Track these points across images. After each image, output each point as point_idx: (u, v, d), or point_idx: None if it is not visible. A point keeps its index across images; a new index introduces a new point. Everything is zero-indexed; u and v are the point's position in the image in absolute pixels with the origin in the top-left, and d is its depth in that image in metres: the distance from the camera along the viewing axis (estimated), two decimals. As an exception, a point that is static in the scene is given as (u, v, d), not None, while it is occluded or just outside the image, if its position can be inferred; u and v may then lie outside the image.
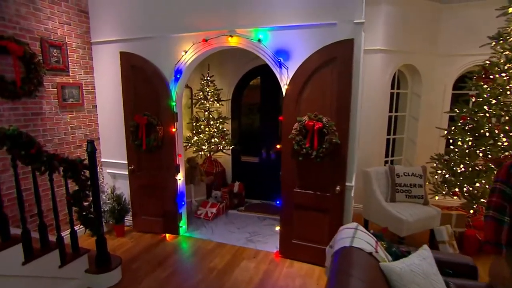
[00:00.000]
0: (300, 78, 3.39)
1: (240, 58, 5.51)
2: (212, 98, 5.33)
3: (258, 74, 5.60)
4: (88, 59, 4.30)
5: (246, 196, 5.72)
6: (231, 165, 5.93)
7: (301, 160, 3.45)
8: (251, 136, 5.88)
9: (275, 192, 5.50)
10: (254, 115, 5.90)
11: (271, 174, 5.57)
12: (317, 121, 3.29)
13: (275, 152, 5.58)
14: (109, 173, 4.60)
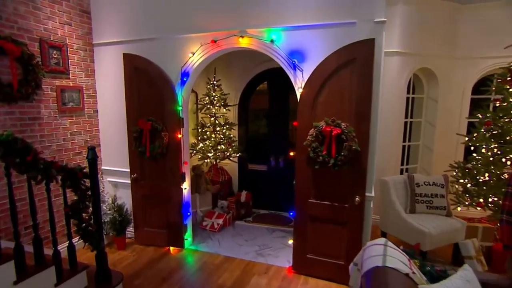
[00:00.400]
0: (316, 81, 3.20)
1: (247, 61, 5.36)
2: (218, 103, 5.15)
3: (266, 79, 5.43)
4: (89, 61, 4.12)
5: (254, 206, 5.51)
6: (238, 173, 5.73)
7: (317, 168, 3.24)
8: (258, 143, 5.70)
9: (285, 202, 5.36)
10: (261, 121, 5.72)
11: (280, 183, 5.41)
12: (335, 126, 3.10)
13: (284, 160, 5.38)
14: (110, 181, 4.39)
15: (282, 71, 5.19)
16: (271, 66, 5.23)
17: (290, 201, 5.34)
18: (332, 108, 3.18)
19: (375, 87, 3.02)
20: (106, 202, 4.19)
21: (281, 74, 5.14)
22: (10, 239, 3.11)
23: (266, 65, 5.27)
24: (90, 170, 2.92)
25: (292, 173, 5.07)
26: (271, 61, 5.15)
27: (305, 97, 3.27)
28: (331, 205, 3.31)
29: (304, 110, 3.30)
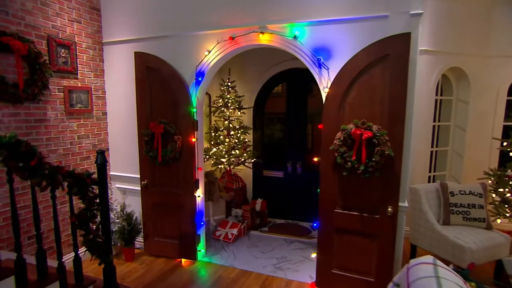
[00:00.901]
0: (344, 80, 2.98)
1: (263, 62, 5.18)
2: (233, 106, 4.96)
3: (282, 80, 5.23)
4: (98, 60, 3.97)
5: (269, 215, 5.29)
6: (252, 180, 5.52)
7: (344, 175, 3.01)
8: (274, 149, 5.49)
9: (303, 211, 5.18)
10: (277, 125, 5.51)
11: (298, 191, 5.21)
12: (366, 129, 2.87)
13: (302, 166, 5.15)
14: (118, 188, 4.22)
15: (300, 73, 5.14)
16: (288, 66, 5.06)
17: (309, 210, 5.24)
18: (361, 109, 2.95)
19: (410, 86, 2.79)
20: (114, 210, 4.00)
21: (299, 76, 5.05)
22: (13, 249, 2.92)
23: (283, 66, 5.09)
24: (99, 176, 2.73)
25: (311, 180, 4.87)
26: (288, 61, 5.05)
27: (332, 98, 3.06)
28: (360, 216, 3.06)
29: (330, 111, 3.08)
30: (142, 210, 3.97)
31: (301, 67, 4.94)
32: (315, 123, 5.14)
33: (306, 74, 4.91)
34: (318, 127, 3.20)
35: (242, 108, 5.08)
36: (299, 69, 4.99)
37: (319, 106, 5.02)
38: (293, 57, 4.90)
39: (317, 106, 5.07)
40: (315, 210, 5.06)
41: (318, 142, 5.21)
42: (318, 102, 5.06)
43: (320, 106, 5.00)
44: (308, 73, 4.89)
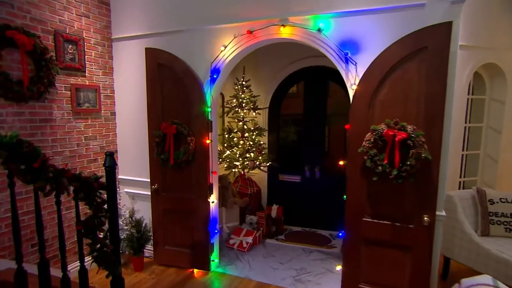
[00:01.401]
0: (374, 76, 2.77)
1: (279, 60, 5.01)
2: (247, 106, 4.77)
3: (299, 79, 5.03)
4: (107, 58, 3.83)
5: (285, 222, 5.06)
6: (267, 185, 5.32)
7: (375, 180, 2.78)
8: (291, 151, 5.30)
9: (322, 219, 4.97)
10: (294, 127, 5.30)
11: (316, 197, 5.00)
12: (400, 130, 2.64)
13: (320, 170, 4.93)
14: (127, 193, 4.05)
15: (318, 71, 4.97)
16: (306, 64, 4.87)
17: (328, 218, 5.02)
18: (394, 108, 2.74)
19: (450, 82, 2.56)
20: (123, 216, 3.83)
21: (318, 74, 4.86)
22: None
23: (300, 64, 4.91)
24: (108, 180, 2.56)
25: (330, 185, 4.69)
26: (306, 59, 4.86)
27: (360, 96, 2.84)
28: (392, 226, 2.83)
29: (359, 110, 2.86)
30: (152, 216, 3.80)
31: (320, 65, 4.77)
32: (334, 124, 4.93)
33: (325, 73, 4.77)
34: (344, 127, 2.98)
35: (257, 109, 4.89)
36: (318, 68, 4.81)
37: (339, 106, 4.87)
38: (311, 54, 4.85)
39: (337, 106, 4.87)
40: (335, 218, 4.95)
41: (337, 144, 5.12)
42: (338, 102, 4.88)
43: (340, 107, 4.91)
44: (327, 72, 4.83)
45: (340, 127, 4.93)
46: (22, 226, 2.99)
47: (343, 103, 4.83)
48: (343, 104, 4.83)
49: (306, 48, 4.64)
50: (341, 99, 4.87)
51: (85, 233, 2.47)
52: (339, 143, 5.03)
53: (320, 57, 4.68)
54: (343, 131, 4.94)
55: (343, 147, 4.97)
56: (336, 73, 4.64)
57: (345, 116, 4.82)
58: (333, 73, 4.68)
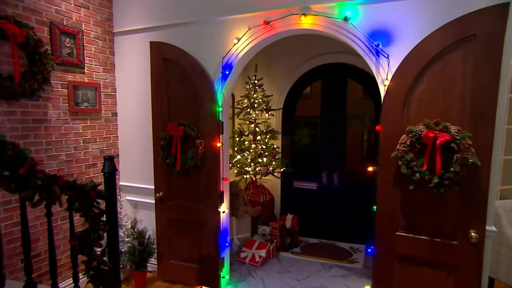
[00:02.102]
0: (411, 70, 2.49)
1: (293, 57, 4.76)
2: (260, 107, 4.50)
3: (316, 78, 4.76)
4: (109, 53, 3.60)
5: (300, 233, 4.77)
6: (280, 192, 5.04)
7: (411, 189, 2.49)
8: (306, 156, 5.01)
9: (340, 230, 4.70)
10: (309, 129, 5.02)
11: (335, 205, 4.72)
12: (441, 131, 2.35)
13: (339, 177, 4.63)
14: (129, 201, 3.80)
15: (337, 68, 4.67)
16: (323, 61, 4.60)
17: (348, 229, 4.70)
18: (433, 106, 2.45)
19: (504, 75, 2.27)
20: (124, 227, 3.57)
21: (336, 72, 4.58)
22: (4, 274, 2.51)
23: (317, 61, 4.64)
24: (107, 188, 2.31)
25: (350, 193, 4.45)
26: (324, 55, 4.59)
27: (394, 93, 2.56)
28: (431, 242, 2.53)
29: (392, 109, 2.58)
30: (156, 227, 3.53)
31: (338, 62, 4.51)
32: (354, 126, 4.64)
33: (344, 70, 4.50)
34: (376, 128, 2.69)
35: (270, 110, 4.62)
36: (336, 65, 4.54)
37: (359, 106, 4.59)
38: (329, 50, 4.59)
39: (357, 107, 4.59)
40: (355, 229, 4.67)
41: (358, 148, 4.83)
42: (358, 102, 4.59)
43: (360, 107, 4.64)
44: (346, 69, 4.57)
45: (361, 129, 4.68)
46: (11, 239, 2.76)
47: (364, 103, 4.58)
48: (363, 104, 4.59)
49: (324, 43, 4.51)
50: (361, 99, 4.61)
51: (80, 249, 2.21)
52: (360, 146, 4.76)
53: (339, 53, 4.45)
54: (363, 133, 4.68)
55: (365, 151, 4.71)
56: (356, 71, 4.50)
57: (365, 117, 4.81)
58: (353, 70, 4.45)
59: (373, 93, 4.35)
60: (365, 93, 4.55)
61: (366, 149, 4.70)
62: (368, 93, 4.47)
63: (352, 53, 4.29)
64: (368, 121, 4.61)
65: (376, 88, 2.72)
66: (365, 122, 4.66)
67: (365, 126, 4.66)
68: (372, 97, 4.43)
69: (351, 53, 4.30)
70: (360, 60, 4.30)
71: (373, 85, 4.28)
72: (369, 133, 4.64)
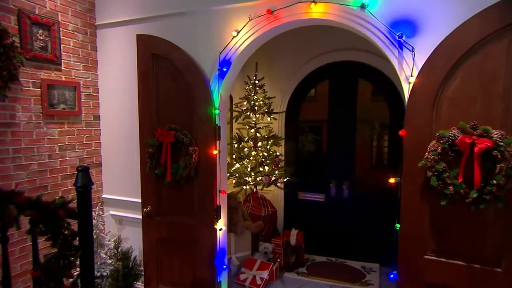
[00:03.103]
0: (441, 64, 2.20)
1: (297, 54, 4.52)
2: (261, 110, 4.21)
3: (323, 78, 4.51)
4: (90, 48, 3.30)
5: (306, 250, 4.47)
6: (284, 205, 4.75)
7: (442, 205, 2.17)
8: (312, 164, 4.75)
9: (351, 246, 4.42)
10: (316, 135, 4.77)
11: (344, 219, 4.44)
12: (481, 136, 2.05)
13: (350, 187, 4.34)
14: (113, 216, 3.49)
15: (346, 67, 4.34)
16: (331, 59, 4.35)
17: (361, 245, 4.39)
18: (469, 107, 2.15)
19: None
20: (106, 247, 3.23)
21: (345, 71, 4.30)
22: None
23: (324, 59, 4.39)
24: (80, 205, 1.99)
25: (361, 205, 4.24)
26: (331, 53, 4.30)
27: (421, 91, 2.26)
28: (468, 268, 2.21)
29: (418, 111, 2.28)
30: (144, 246, 3.20)
31: (348, 60, 4.23)
32: (366, 131, 4.37)
33: (354, 69, 4.24)
34: (399, 133, 2.38)
35: (272, 113, 4.33)
36: (345, 63, 4.27)
37: (372, 109, 4.33)
38: (338, 47, 4.32)
39: (369, 110, 4.31)
40: (368, 246, 4.36)
41: (370, 155, 4.55)
42: (370, 105, 4.33)
43: (373, 110, 4.33)
44: (356, 67, 4.27)
45: (373, 134, 4.42)
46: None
47: (377, 105, 4.31)
48: (376, 107, 4.31)
49: (332, 38, 4.25)
50: (374, 101, 4.34)
51: (46, 281, 1.89)
52: (374, 153, 4.50)
53: (348, 50, 4.20)
54: (377, 139, 4.39)
55: (385, 159, 4.42)
56: (368, 70, 4.21)
57: (378, 121, 4.47)
58: (364, 69, 4.18)
59: (388, 94, 4.09)
60: (378, 94, 4.28)
61: (385, 157, 4.40)
62: (382, 94, 4.20)
63: (364, 50, 4.06)
64: (382, 125, 4.33)
65: (391, 88, 2.47)
66: (378, 127, 4.38)
67: (378, 131, 4.38)
68: (386, 99, 4.15)
69: (362, 50, 4.07)
70: (372, 58, 4.08)
71: (387, 85, 4.04)
72: (381, 139, 4.37)
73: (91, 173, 3.34)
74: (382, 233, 4.05)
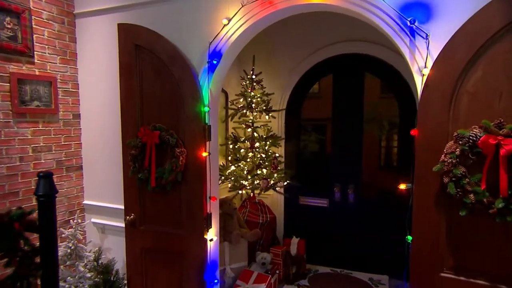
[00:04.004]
0: (460, 53, 1.98)
1: (298, 47, 4.33)
2: (259, 107, 4.01)
3: (326, 72, 4.33)
4: (68, 39, 3.11)
5: (308, 260, 4.29)
6: (284, 211, 4.56)
7: (462, 216, 1.95)
8: (315, 167, 4.57)
9: (357, 256, 4.23)
10: (318, 135, 4.59)
11: (350, 227, 4.26)
12: (508, 137, 1.83)
13: (355, 192, 4.14)
14: (95, 224, 3.29)
15: (352, 60, 4.11)
16: (336, 52, 4.14)
17: (368, 255, 4.19)
18: (494, 102, 1.93)
19: None
20: (86, 259, 3.03)
21: (351, 65, 4.09)
22: None
23: (327, 52, 4.20)
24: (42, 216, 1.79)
25: (368, 211, 4.08)
26: (335, 44, 4.08)
27: (436, 84, 2.04)
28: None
29: (432, 107, 2.06)
30: (127, 258, 3.00)
31: (354, 52, 4.02)
32: (374, 131, 4.17)
33: (360, 62, 4.05)
34: (411, 133, 2.15)
35: (271, 111, 4.14)
36: (350, 56, 4.06)
37: (380, 107, 4.13)
38: (342, 38, 4.09)
39: (377, 107, 4.11)
40: (375, 256, 4.14)
41: (379, 157, 4.35)
42: (378, 102, 4.14)
43: (382, 108, 4.12)
44: (362, 60, 4.03)
45: (382, 134, 4.24)
46: None
47: (385, 102, 4.11)
48: (384, 104, 4.12)
49: (336, 29, 4.05)
50: (382, 97, 4.15)
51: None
52: (382, 155, 4.32)
53: (354, 42, 4.03)
54: (386, 139, 4.18)
55: (390, 160, 4.28)
56: (375, 63, 3.99)
57: (387, 120, 4.23)
58: (372, 62, 3.97)
59: (398, 90, 3.89)
60: (387, 90, 4.06)
61: (394, 158, 4.25)
62: (391, 89, 3.99)
63: (371, 41, 3.85)
64: (391, 124, 4.13)
65: (401, 83, 2.27)
66: (387, 125, 4.17)
67: (386, 130, 4.18)
68: (395, 95, 3.94)
69: (369, 40, 3.87)
70: (381, 50, 3.86)
71: (397, 80, 3.82)
72: (390, 138, 4.20)
73: (70, 177, 3.20)
74: (392, 242, 3.82)
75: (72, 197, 3.20)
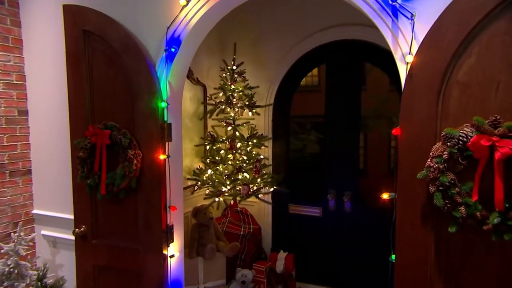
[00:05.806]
0: (451, 35, 1.84)
1: (287, 33, 4.23)
2: (240, 103, 3.92)
3: (318, 62, 4.26)
4: (10, 23, 3.05)
5: (297, 278, 4.23)
6: (271, 221, 4.48)
7: (452, 232, 1.81)
8: (307, 171, 4.58)
9: (354, 273, 4.14)
10: (310, 135, 4.55)
11: (345, 239, 4.17)
12: (504, 137, 1.68)
13: (352, 199, 4.03)
14: (45, 237, 3.23)
15: (348, 48, 4.02)
16: (329, 39, 4.04)
17: (366, 272, 4.09)
18: (489, 95, 1.79)
19: None
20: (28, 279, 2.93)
21: (346, 54, 3.99)
22: None
23: (319, 38, 4.07)
24: None
25: (368, 221, 4.02)
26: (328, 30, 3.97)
27: (422, 74, 1.91)
28: (490, 321, 1.84)
29: (417, 101, 1.94)
30: (77, 277, 2.93)
31: (350, 39, 3.90)
32: (374, 130, 4.14)
33: (358, 50, 3.94)
34: (392, 133, 2.02)
35: (255, 106, 4.04)
36: (346, 43, 3.93)
37: (383, 102, 4.05)
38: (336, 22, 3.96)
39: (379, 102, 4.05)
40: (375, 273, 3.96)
41: (379, 160, 4.27)
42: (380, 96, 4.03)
43: (384, 103, 4.04)
44: (360, 48, 3.92)
45: (385, 133, 4.13)
46: None
47: (389, 96, 3.97)
48: (388, 98, 3.97)
49: (329, 12, 3.92)
50: (385, 91, 4.06)
51: None
52: (381, 157, 4.22)
53: (351, 26, 3.88)
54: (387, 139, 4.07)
55: (390, 164, 4.14)
56: (376, 51, 3.84)
57: (388, 117, 4.14)
58: (371, 50, 3.85)
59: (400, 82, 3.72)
60: (387, 81, 3.94)
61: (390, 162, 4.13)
62: (392, 81, 3.86)
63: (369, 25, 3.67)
64: (394, 122, 3.99)
65: None
66: (389, 124, 4.05)
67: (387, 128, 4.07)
68: (397, 88, 3.79)
69: (368, 25, 3.67)
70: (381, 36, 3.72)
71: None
72: (392, 139, 4.07)
73: (15, 183, 3.12)
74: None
75: (18, 206, 3.12)
